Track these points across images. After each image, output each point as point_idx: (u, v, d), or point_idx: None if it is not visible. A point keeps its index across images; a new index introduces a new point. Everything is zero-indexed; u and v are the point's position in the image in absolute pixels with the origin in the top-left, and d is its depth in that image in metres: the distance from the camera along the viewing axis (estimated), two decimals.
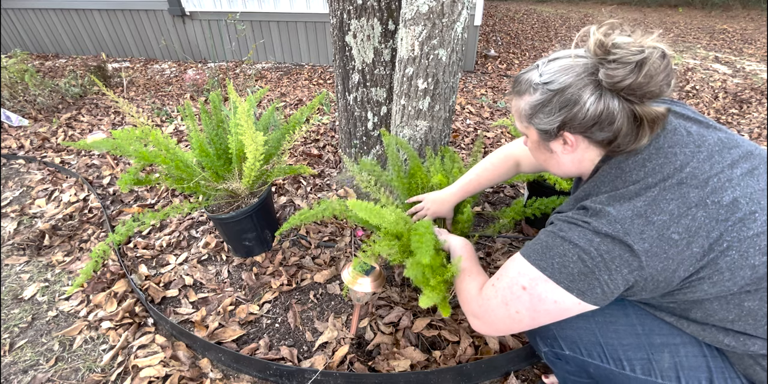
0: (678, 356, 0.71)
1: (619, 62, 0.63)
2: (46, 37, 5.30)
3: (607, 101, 0.66)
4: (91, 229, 1.90)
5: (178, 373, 1.20)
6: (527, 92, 0.73)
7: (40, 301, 1.51)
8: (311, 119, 2.94)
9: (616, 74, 0.63)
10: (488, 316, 0.78)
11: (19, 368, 1.26)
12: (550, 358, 0.87)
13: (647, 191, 0.65)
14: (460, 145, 2.62)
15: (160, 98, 3.68)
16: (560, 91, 0.68)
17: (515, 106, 0.79)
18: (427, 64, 1.32)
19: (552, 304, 0.69)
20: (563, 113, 0.69)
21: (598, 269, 0.64)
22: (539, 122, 0.73)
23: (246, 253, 1.66)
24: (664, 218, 0.62)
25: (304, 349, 1.30)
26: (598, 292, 0.65)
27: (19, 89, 3.21)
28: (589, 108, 0.66)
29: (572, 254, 0.66)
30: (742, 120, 3.19)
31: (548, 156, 0.81)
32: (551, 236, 0.71)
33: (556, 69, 0.69)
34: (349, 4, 1.52)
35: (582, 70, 0.67)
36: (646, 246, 0.61)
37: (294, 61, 4.84)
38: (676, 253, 0.61)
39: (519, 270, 0.73)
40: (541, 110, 0.72)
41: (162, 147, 1.31)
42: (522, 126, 0.80)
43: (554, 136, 0.74)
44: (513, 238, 1.72)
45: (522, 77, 0.75)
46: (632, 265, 0.62)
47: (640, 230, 0.62)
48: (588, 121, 0.68)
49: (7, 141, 2.81)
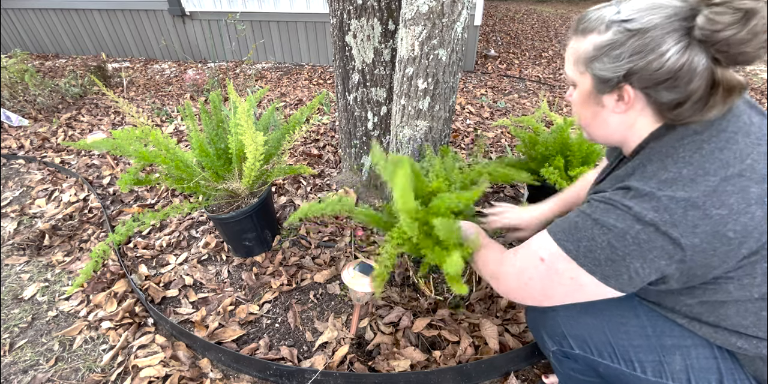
0: (689, 358, 0.70)
1: (727, 6, 0.52)
2: (46, 37, 5.30)
3: (692, 55, 0.55)
4: (91, 229, 1.90)
5: (178, 373, 1.20)
6: (595, 30, 0.63)
7: (40, 301, 1.51)
8: (311, 119, 2.94)
9: (719, 20, 0.52)
10: (504, 280, 0.78)
11: (19, 368, 1.26)
12: (557, 357, 0.86)
13: (706, 179, 0.56)
14: (460, 145, 2.62)
15: (160, 98, 3.68)
16: (639, 33, 0.57)
17: (573, 47, 0.68)
18: (427, 64, 1.32)
19: (568, 280, 0.66)
20: (634, 60, 0.59)
21: (630, 256, 0.59)
22: (601, 68, 0.63)
23: (246, 253, 1.66)
24: (723, 213, 0.55)
25: (304, 349, 1.30)
26: (624, 279, 0.61)
27: (19, 89, 3.21)
28: (669, 58, 0.56)
29: (602, 240, 0.61)
30: None
31: (594, 112, 0.70)
32: (582, 216, 0.65)
33: (642, 6, 0.58)
34: (349, 4, 1.52)
35: (673, 12, 0.56)
36: (696, 241, 0.56)
37: (294, 61, 4.84)
38: (725, 251, 0.56)
39: (541, 243, 0.70)
40: (608, 53, 0.61)
41: (162, 147, 1.31)
42: (575, 71, 0.69)
43: (612, 88, 0.64)
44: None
45: (591, 14, 0.64)
46: (673, 258, 0.57)
47: (693, 224, 0.55)
48: (662, 74, 0.57)
49: (7, 141, 2.81)
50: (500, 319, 1.35)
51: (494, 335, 1.27)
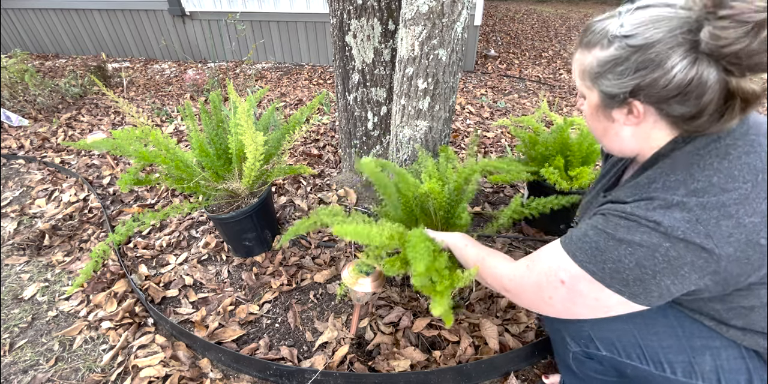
0: (719, 359, 0.69)
1: (734, 20, 0.49)
2: (46, 37, 5.30)
3: (701, 69, 0.53)
4: (91, 229, 1.90)
5: (178, 373, 1.20)
6: (599, 45, 0.61)
7: (40, 301, 1.51)
8: (311, 119, 2.94)
9: (725, 35, 0.50)
10: (519, 293, 0.76)
11: (19, 368, 1.26)
12: (579, 357, 0.84)
13: (736, 186, 0.55)
14: (460, 145, 2.62)
15: (160, 98, 3.68)
16: (642, 49, 0.55)
17: (579, 60, 0.66)
18: (427, 64, 1.32)
19: (592, 300, 0.64)
20: (639, 77, 0.57)
21: (661, 274, 0.57)
22: (606, 84, 0.61)
23: (246, 253, 1.66)
24: (755, 220, 0.54)
25: (304, 349, 1.30)
26: (654, 296, 0.59)
27: (19, 89, 3.21)
28: (676, 75, 0.54)
29: (629, 261, 0.58)
30: None
31: (606, 125, 0.69)
32: (603, 236, 0.61)
33: (643, 19, 0.56)
34: (349, 4, 1.52)
35: (678, 25, 0.54)
36: (730, 251, 0.54)
37: (294, 61, 4.84)
38: (758, 258, 0.55)
39: (559, 263, 0.66)
40: (612, 70, 0.59)
41: (162, 147, 1.31)
42: (583, 85, 0.68)
43: (620, 103, 0.62)
44: (513, 238, 1.72)
45: (595, 25, 0.62)
46: (706, 270, 0.56)
47: (728, 233, 0.54)
48: (670, 90, 0.55)
49: (7, 141, 2.81)
50: (500, 319, 1.35)
51: (494, 335, 1.27)
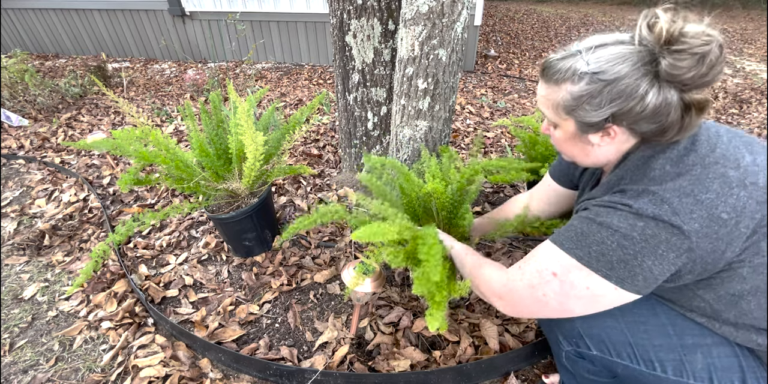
0: (711, 357, 0.69)
1: (687, 53, 0.59)
2: (46, 37, 5.30)
3: (665, 93, 0.62)
4: (91, 229, 1.90)
5: (178, 373, 1.20)
6: (569, 80, 0.67)
7: (40, 301, 1.51)
8: (311, 119, 2.94)
9: (681, 65, 0.59)
10: (512, 297, 0.77)
11: (19, 368, 1.26)
12: (571, 357, 0.85)
13: (690, 170, 0.63)
14: (460, 145, 2.62)
15: (160, 98, 3.68)
16: (614, 82, 0.63)
17: (549, 95, 0.72)
18: (427, 64, 1.32)
19: (584, 290, 0.67)
20: (616, 106, 0.65)
21: (642, 255, 0.61)
22: (584, 115, 0.68)
23: (246, 253, 1.66)
24: (711, 197, 0.60)
25: (304, 349, 1.30)
26: (639, 280, 0.63)
27: (19, 89, 3.21)
28: (650, 101, 0.62)
29: (611, 241, 0.63)
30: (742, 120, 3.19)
31: (582, 147, 0.76)
32: (586, 222, 0.67)
33: (607, 57, 0.64)
34: (349, 4, 1.52)
35: (637, 59, 0.62)
36: (697, 226, 0.59)
37: (294, 61, 4.84)
38: (726, 233, 0.60)
39: (550, 256, 0.70)
40: (589, 102, 0.66)
41: (162, 147, 1.31)
42: (556, 116, 0.74)
43: (597, 129, 0.70)
44: (513, 238, 1.72)
45: (559, 64, 0.68)
46: (681, 248, 0.60)
47: (689, 210, 0.60)
48: (646, 114, 0.64)
49: (7, 141, 2.81)
50: (500, 319, 1.35)
51: (494, 335, 1.27)
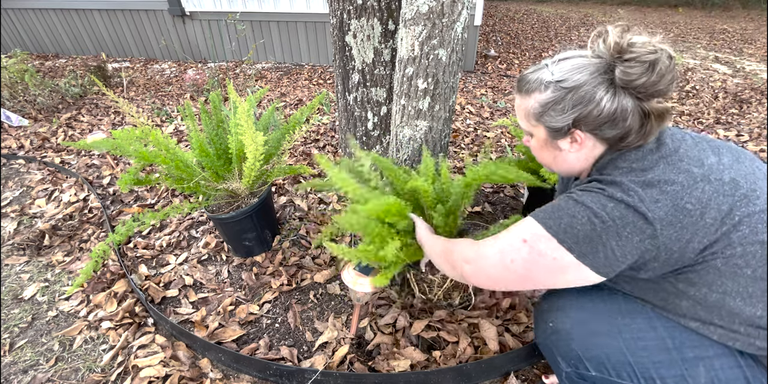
0: (714, 370, 0.67)
1: (636, 61, 0.66)
2: (46, 37, 5.30)
3: (620, 99, 0.69)
4: (91, 229, 1.90)
5: (178, 373, 1.20)
6: (537, 90, 0.75)
7: (40, 301, 1.51)
8: (311, 119, 2.94)
9: (632, 72, 0.66)
10: (481, 262, 0.78)
11: (19, 368, 1.26)
12: (572, 378, 0.83)
13: (655, 166, 0.68)
14: (460, 145, 2.62)
15: (160, 98, 3.68)
16: (574, 89, 0.70)
17: (522, 105, 0.80)
18: (427, 64, 1.32)
19: (550, 260, 0.69)
20: (577, 111, 0.71)
21: (606, 234, 0.64)
22: (550, 120, 0.75)
23: (246, 253, 1.66)
24: (676, 188, 0.64)
25: (304, 349, 1.30)
26: (600, 257, 0.66)
27: (19, 89, 3.21)
28: (605, 106, 0.69)
29: (582, 216, 0.67)
30: (742, 120, 3.19)
31: (554, 154, 0.82)
32: (564, 199, 0.72)
33: (568, 68, 0.72)
34: (349, 4, 1.52)
35: (595, 69, 0.70)
36: (661, 214, 0.63)
37: (294, 61, 4.84)
38: (690, 222, 0.63)
39: (524, 226, 0.74)
40: (553, 108, 0.73)
41: (162, 147, 1.31)
42: (528, 125, 0.81)
43: (564, 134, 0.76)
44: None
45: (529, 76, 0.77)
46: (645, 233, 0.63)
47: (654, 199, 0.63)
48: (603, 118, 0.70)
49: (7, 141, 2.81)
50: (500, 320, 1.35)
51: (494, 336, 1.27)
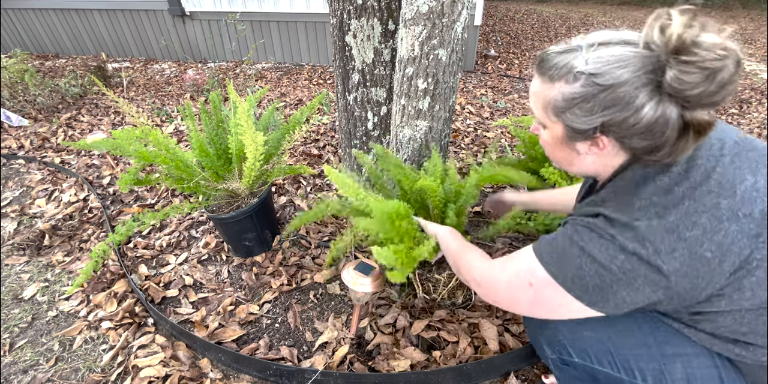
0: (691, 367, 0.69)
1: (695, 66, 0.51)
2: (46, 37, 5.30)
3: (665, 108, 0.55)
4: (91, 229, 1.90)
5: (178, 373, 1.20)
6: (563, 79, 0.60)
7: (40, 301, 1.51)
8: (311, 119, 2.94)
9: (689, 80, 0.52)
10: (490, 288, 0.78)
11: (19, 368, 1.26)
12: (557, 364, 0.85)
13: (679, 204, 0.57)
14: (460, 145, 2.62)
15: (160, 98, 3.68)
16: (611, 88, 0.56)
17: (540, 91, 0.65)
18: (427, 64, 1.32)
19: (556, 305, 0.67)
20: (608, 115, 0.58)
21: (617, 285, 0.60)
22: (573, 119, 0.62)
23: (246, 253, 1.66)
24: (696, 233, 0.56)
25: (304, 349, 1.30)
26: (610, 305, 0.63)
27: (19, 89, 3.21)
28: (645, 115, 0.56)
29: (589, 269, 0.61)
30: (742, 120, 3.19)
31: (567, 154, 0.71)
32: (569, 243, 0.65)
33: (608, 58, 0.56)
34: (349, 4, 1.52)
35: (641, 66, 0.55)
36: (677, 265, 0.56)
37: (294, 61, 4.84)
38: (707, 271, 0.57)
39: (529, 265, 0.69)
40: (580, 106, 0.60)
41: (162, 147, 1.31)
42: (544, 116, 0.67)
43: (585, 137, 0.64)
44: (513, 238, 1.72)
45: (555, 58, 0.61)
46: (658, 285, 0.58)
47: (671, 248, 0.56)
48: (638, 128, 0.57)
49: (7, 141, 2.81)
50: (500, 319, 1.35)
51: (494, 336, 1.27)
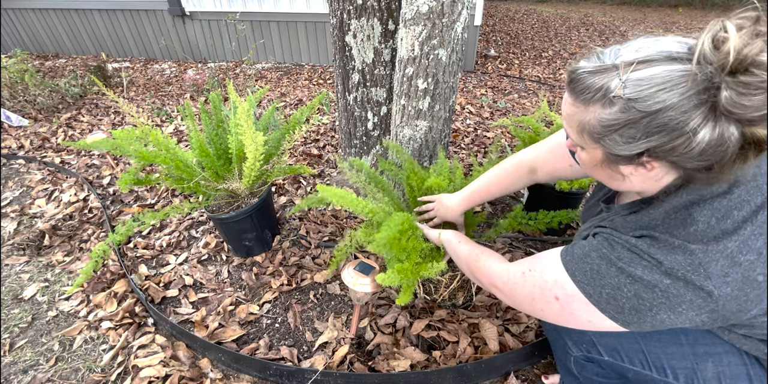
0: (721, 365, 0.69)
1: (757, 87, 0.44)
2: (46, 37, 5.30)
3: (722, 129, 0.48)
4: (91, 229, 1.90)
5: (178, 373, 1.20)
6: (598, 103, 0.53)
7: (40, 301, 1.51)
8: (311, 119, 2.94)
9: (751, 104, 0.45)
10: (511, 296, 0.75)
11: (19, 368, 1.26)
12: (580, 362, 0.85)
13: (739, 229, 0.53)
14: (460, 145, 2.62)
15: (160, 98, 3.68)
16: (655, 114, 0.49)
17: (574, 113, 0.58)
18: (427, 64, 1.32)
19: (585, 321, 0.63)
20: (654, 141, 0.51)
21: (658, 308, 0.56)
22: (613, 146, 0.55)
23: (246, 253, 1.66)
24: (751, 258, 0.53)
25: (304, 349, 1.30)
26: (647, 326, 0.59)
27: (19, 89, 3.21)
28: (702, 140, 0.48)
29: (628, 290, 0.57)
30: None
31: (609, 175, 0.63)
32: (605, 261, 0.60)
33: (650, 82, 0.49)
34: (349, 4, 1.52)
35: (690, 86, 0.47)
36: (728, 290, 0.53)
37: (294, 61, 4.84)
38: (757, 295, 0.54)
39: (557, 279, 0.65)
40: (620, 133, 0.53)
41: (162, 147, 1.31)
42: (581, 140, 0.61)
43: (630, 162, 0.57)
44: (513, 238, 1.72)
45: (588, 79, 0.54)
46: (704, 309, 0.55)
47: (724, 273, 0.53)
48: (693, 153, 0.50)
49: (7, 141, 2.81)
50: (500, 320, 1.35)
51: (494, 336, 1.27)
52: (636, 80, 0.50)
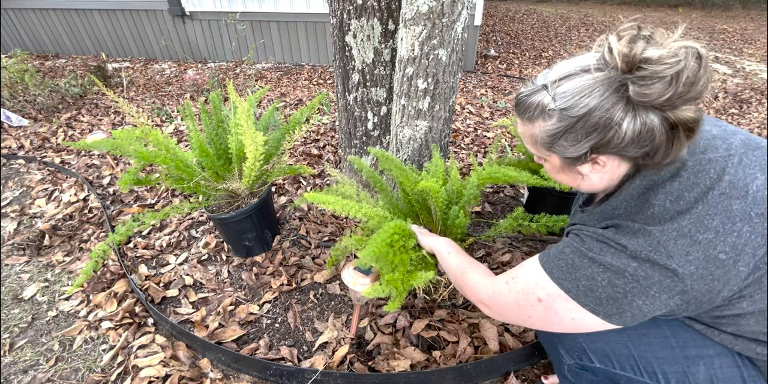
0: (713, 368, 0.69)
1: (654, 77, 0.54)
2: (46, 37, 5.30)
3: (643, 118, 0.57)
4: (91, 229, 1.90)
5: (178, 373, 1.20)
6: (539, 118, 0.64)
7: (40, 301, 1.51)
8: (311, 119, 2.94)
9: (651, 92, 0.54)
10: (498, 309, 0.77)
11: (19, 368, 1.26)
12: (573, 370, 0.85)
13: (692, 208, 0.58)
14: (460, 145, 2.62)
15: (160, 98, 3.68)
16: (585, 116, 0.59)
17: (525, 131, 0.69)
18: (427, 64, 1.32)
19: (569, 320, 0.66)
20: (593, 138, 0.60)
21: (632, 294, 0.59)
22: (563, 150, 0.65)
23: (246, 253, 1.66)
24: (709, 236, 0.57)
25: (304, 349, 1.30)
26: (627, 316, 0.62)
27: (19, 89, 3.21)
28: (627, 129, 0.58)
29: (602, 278, 0.61)
30: (742, 120, 3.19)
31: (573, 177, 0.73)
32: (578, 254, 0.65)
33: (572, 91, 0.59)
34: (349, 4, 1.52)
35: (605, 89, 0.57)
36: (692, 269, 0.57)
37: (294, 61, 4.84)
38: (722, 273, 0.57)
39: (537, 280, 0.68)
40: (564, 138, 0.63)
41: (162, 147, 1.31)
42: (538, 152, 0.71)
43: (583, 161, 0.66)
44: (513, 238, 1.72)
45: (527, 101, 0.65)
46: (674, 290, 0.58)
47: (685, 252, 0.57)
48: (626, 141, 0.59)
49: (7, 141, 2.81)
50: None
51: (494, 336, 1.27)
52: (562, 93, 0.60)
